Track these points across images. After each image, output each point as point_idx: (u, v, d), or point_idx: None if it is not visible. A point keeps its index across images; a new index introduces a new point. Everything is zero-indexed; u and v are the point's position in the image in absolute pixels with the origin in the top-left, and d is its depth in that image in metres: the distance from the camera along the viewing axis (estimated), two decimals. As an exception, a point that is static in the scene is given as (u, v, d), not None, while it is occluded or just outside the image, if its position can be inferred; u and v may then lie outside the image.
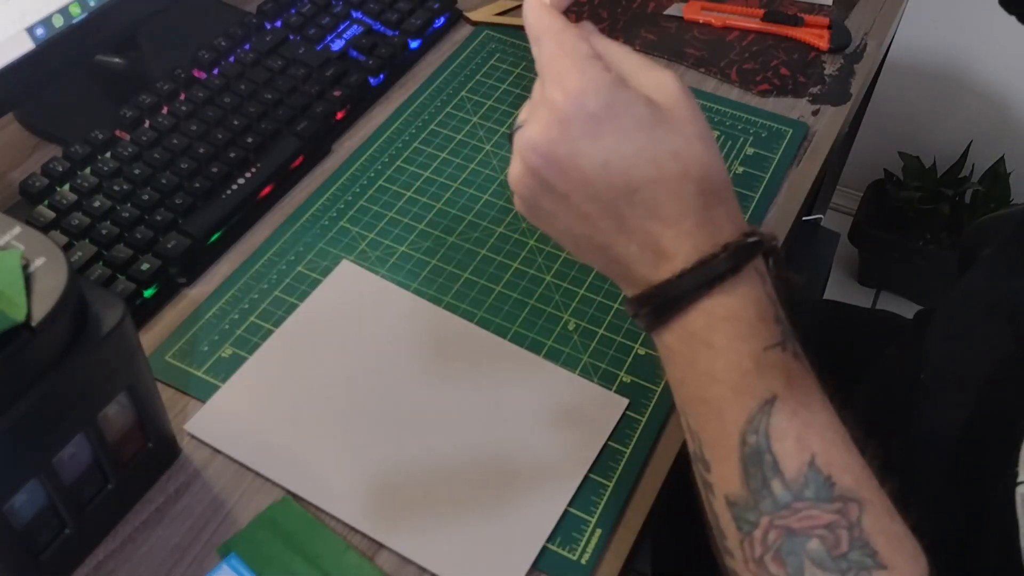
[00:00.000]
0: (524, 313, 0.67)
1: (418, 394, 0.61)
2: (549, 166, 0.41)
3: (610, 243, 0.42)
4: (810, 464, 0.39)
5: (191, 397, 0.61)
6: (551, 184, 0.41)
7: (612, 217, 0.41)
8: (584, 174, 0.40)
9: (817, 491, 0.39)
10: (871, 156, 1.71)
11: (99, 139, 0.72)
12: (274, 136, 0.75)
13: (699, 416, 0.42)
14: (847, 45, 0.90)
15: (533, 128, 0.41)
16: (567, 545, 0.55)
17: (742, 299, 0.40)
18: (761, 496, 0.39)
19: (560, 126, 0.40)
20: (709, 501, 0.43)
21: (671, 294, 0.41)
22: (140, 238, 0.66)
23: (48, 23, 0.69)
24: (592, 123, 0.40)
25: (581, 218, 0.42)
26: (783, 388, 0.40)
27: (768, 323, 0.41)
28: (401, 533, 0.54)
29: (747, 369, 0.40)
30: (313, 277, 0.68)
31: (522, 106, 0.44)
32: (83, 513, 0.51)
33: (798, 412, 0.40)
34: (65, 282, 0.44)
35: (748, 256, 0.40)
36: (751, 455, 0.40)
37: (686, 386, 0.43)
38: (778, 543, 0.39)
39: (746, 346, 0.40)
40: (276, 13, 0.86)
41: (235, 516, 0.55)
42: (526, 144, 0.41)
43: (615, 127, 0.40)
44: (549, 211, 0.43)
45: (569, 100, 0.40)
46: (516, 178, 0.43)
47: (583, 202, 0.41)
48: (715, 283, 0.40)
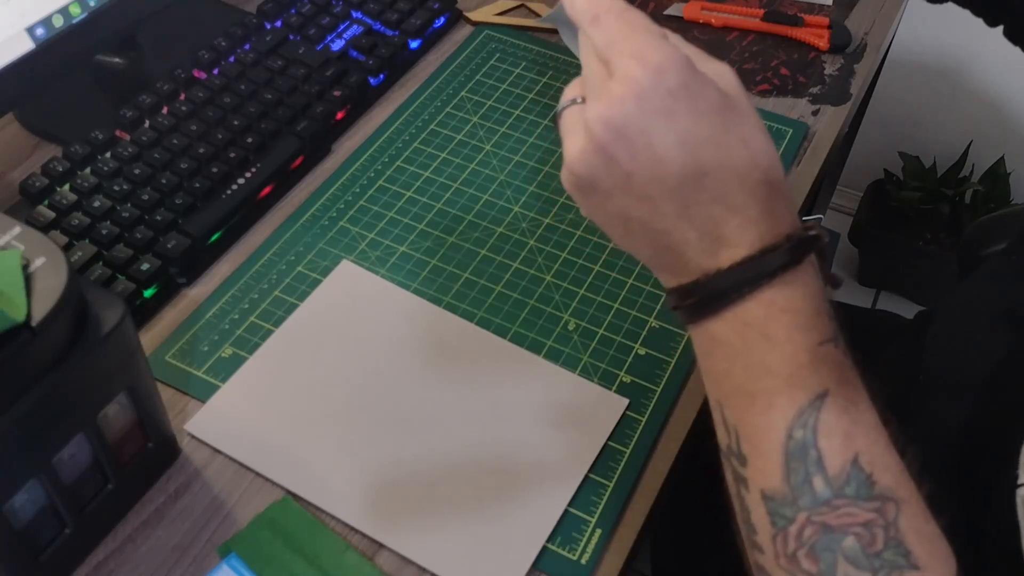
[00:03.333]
0: (524, 313, 0.67)
1: (418, 394, 0.61)
2: (619, 141, 0.39)
3: (669, 228, 0.41)
4: (853, 462, 0.39)
5: (191, 397, 0.61)
6: (617, 161, 0.40)
7: (676, 200, 0.40)
8: (655, 153, 0.39)
9: (858, 489, 0.39)
10: (871, 156, 1.71)
11: (99, 139, 0.72)
12: (274, 136, 0.75)
13: (740, 409, 0.42)
14: (847, 45, 0.90)
15: (603, 102, 0.39)
16: (567, 545, 0.55)
17: (801, 291, 0.40)
18: (801, 492, 0.39)
19: (637, 101, 0.38)
20: (741, 495, 0.42)
21: (729, 283, 0.40)
22: (140, 238, 0.66)
23: (48, 23, 0.69)
24: (670, 100, 0.38)
25: (641, 200, 0.40)
26: (835, 384, 0.40)
27: (823, 317, 0.40)
28: (401, 533, 0.54)
29: (802, 362, 0.39)
30: (313, 277, 0.68)
31: (569, 84, 0.43)
32: (83, 513, 0.51)
33: (847, 409, 0.40)
34: (65, 282, 0.44)
35: (808, 249, 0.40)
36: (796, 450, 0.39)
37: (731, 378, 0.42)
38: (813, 539, 0.39)
39: (804, 339, 0.40)
40: (276, 13, 0.86)
41: (235, 516, 0.55)
42: (596, 118, 0.39)
43: (691, 108, 0.39)
44: (606, 191, 0.41)
45: (649, 74, 0.38)
46: (577, 154, 0.41)
47: (647, 183, 0.40)
48: (777, 273, 0.39)
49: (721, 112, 0.39)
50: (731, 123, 0.39)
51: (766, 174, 0.40)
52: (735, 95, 0.40)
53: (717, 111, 0.39)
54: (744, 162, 0.39)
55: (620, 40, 0.40)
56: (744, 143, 0.39)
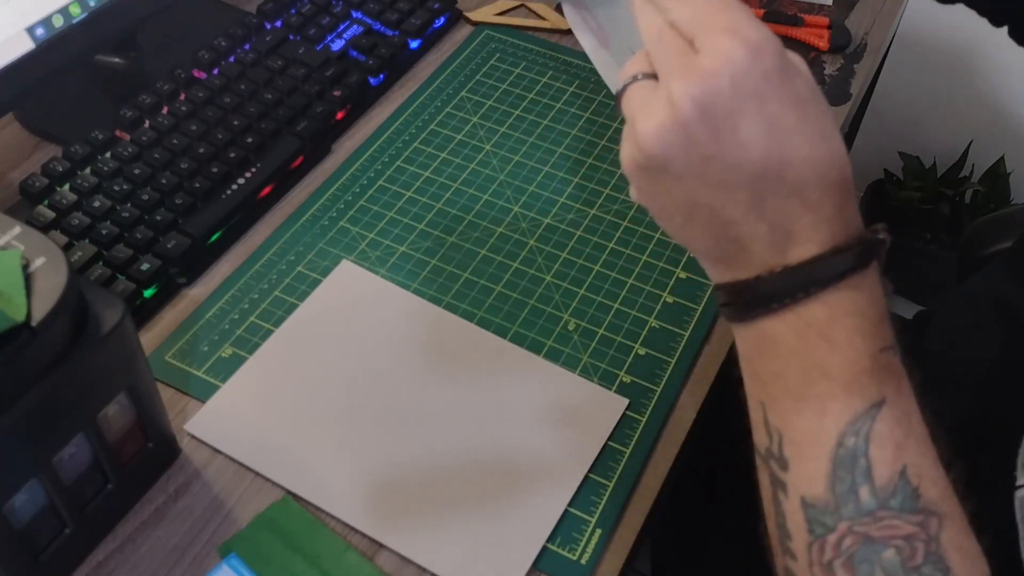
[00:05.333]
0: (524, 313, 0.67)
1: (418, 394, 0.61)
2: (705, 121, 0.37)
3: (738, 219, 0.38)
4: (902, 474, 0.38)
5: (191, 397, 0.61)
6: (698, 143, 0.37)
7: (752, 190, 0.38)
8: (739, 137, 0.37)
9: (903, 501, 0.38)
10: (871, 156, 1.71)
11: (99, 139, 0.72)
12: (274, 136, 0.75)
13: (788, 412, 0.40)
14: (847, 45, 0.90)
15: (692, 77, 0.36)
16: (567, 545, 0.55)
17: (866, 295, 0.38)
18: (845, 501, 0.38)
19: (731, 79, 0.36)
20: (778, 500, 0.41)
21: (796, 281, 0.38)
22: (140, 238, 0.66)
23: (48, 23, 0.69)
24: (763, 83, 0.36)
25: (715, 187, 0.38)
26: (893, 393, 0.39)
27: (885, 323, 0.39)
28: (401, 533, 0.54)
29: (863, 368, 0.38)
30: (313, 277, 0.68)
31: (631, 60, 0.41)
32: (83, 513, 0.51)
33: (901, 420, 0.39)
34: (65, 282, 0.44)
35: (875, 252, 0.38)
36: (845, 458, 0.38)
37: (783, 379, 0.40)
38: (852, 549, 0.38)
39: (866, 344, 0.38)
40: (276, 13, 0.86)
41: (235, 516, 0.55)
42: (682, 93, 0.36)
43: (781, 94, 0.37)
44: (677, 174, 0.38)
45: (747, 53, 0.36)
46: (654, 132, 0.38)
47: (726, 169, 0.37)
48: (846, 275, 0.38)
49: (808, 103, 0.38)
50: (815, 116, 0.38)
51: (842, 172, 0.38)
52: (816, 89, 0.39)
53: (805, 102, 0.37)
54: (824, 158, 0.38)
55: (712, 15, 0.37)
56: (825, 138, 0.38)
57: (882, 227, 0.39)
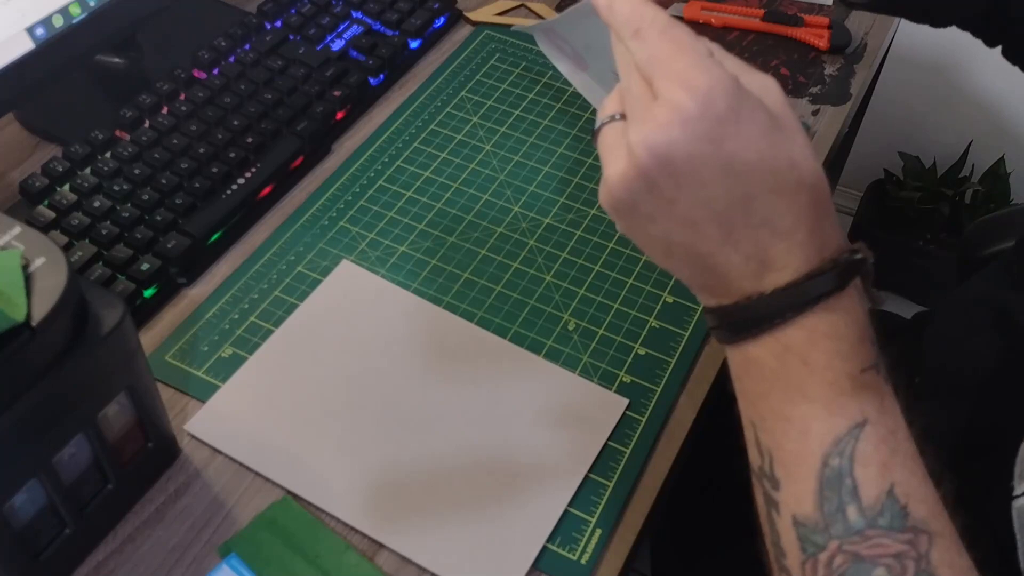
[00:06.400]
0: (524, 313, 0.67)
1: (418, 394, 0.61)
2: (663, 168, 0.38)
3: (712, 251, 0.40)
4: (889, 492, 0.38)
5: (191, 397, 0.61)
6: (660, 188, 0.38)
7: (721, 225, 0.39)
8: (700, 179, 0.38)
9: (891, 520, 0.38)
10: (871, 156, 1.70)
11: (99, 139, 0.72)
12: (274, 136, 0.75)
13: (776, 433, 0.41)
14: (847, 45, 0.90)
15: (648, 127, 0.38)
16: (567, 545, 0.55)
17: (844, 317, 0.39)
18: (833, 520, 0.38)
19: (683, 128, 0.37)
20: (772, 518, 0.42)
21: (772, 307, 0.39)
22: (140, 238, 0.66)
23: (48, 23, 0.69)
24: (718, 126, 0.37)
25: (685, 225, 0.39)
26: (875, 413, 0.39)
27: (866, 344, 0.39)
28: (401, 533, 0.54)
29: (843, 389, 0.39)
30: (313, 277, 0.68)
31: (605, 99, 0.42)
32: (83, 513, 0.51)
33: (886, 439, 0.39)
34: (65, 282, 0.44)
35: (853, 273, 0.39)
36: (831, 478, 0.39)
37: (767, 401, 0.41)
38: (843, 568, 0.38)
39: (845, 366, 0.39)
40: (276, 13, 0.86)
41: (235, 516, 0.55)
42: (639, 142, 0.38)
43: (738, 132, 0.37)
44: (647, 215, 0.40)
45: (698, 101, 0.37)
46: (618, 179, 0.39)
47: (692, 208, 0.39)
48: (821, 299, 0.38)
49: (769, 135, 0.38)
50: (779, 145, 0.38)
51: (813, 194, 0.39)
52: (781, 112, 0.39)
53: (765, 134, 0.38)
54: (791, 185, 0.38)
55: (665, 60, 0.38)
56: (792, 165, 0.38)
57: (861, 246, 0.39)
